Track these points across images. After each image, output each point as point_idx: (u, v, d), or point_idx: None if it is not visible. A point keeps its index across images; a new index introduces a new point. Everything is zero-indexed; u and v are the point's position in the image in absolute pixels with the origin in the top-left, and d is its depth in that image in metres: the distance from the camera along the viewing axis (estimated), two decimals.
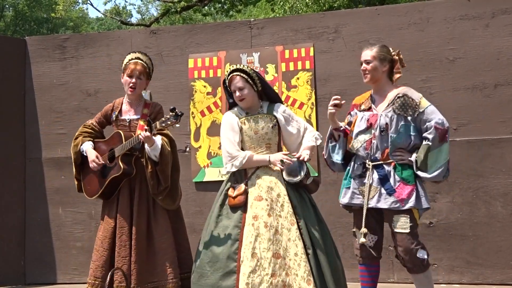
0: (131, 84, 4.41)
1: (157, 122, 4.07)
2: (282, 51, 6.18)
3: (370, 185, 3.90)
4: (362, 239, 3.93)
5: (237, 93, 4.10)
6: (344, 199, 4.04)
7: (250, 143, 4.10)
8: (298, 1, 13.00)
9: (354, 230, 4.06)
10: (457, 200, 5.67)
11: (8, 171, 6.52)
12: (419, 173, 3.86)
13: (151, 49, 6.50)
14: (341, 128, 4.11)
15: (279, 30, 6.25)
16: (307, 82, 6.08)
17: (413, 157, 3.88)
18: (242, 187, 4.01)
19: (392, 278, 5.71)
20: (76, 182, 4.57)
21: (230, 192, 4.04)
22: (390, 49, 4.07)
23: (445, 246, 5.65)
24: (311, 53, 6.10)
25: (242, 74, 4.10)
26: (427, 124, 3.88)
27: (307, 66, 6.10)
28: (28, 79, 6.72)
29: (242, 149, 4.11)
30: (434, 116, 3.90)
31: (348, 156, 4.13)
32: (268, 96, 4.22)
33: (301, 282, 3.78)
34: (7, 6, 31.43)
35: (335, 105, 4.04)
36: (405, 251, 3.85)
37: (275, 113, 4.13)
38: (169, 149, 4.30)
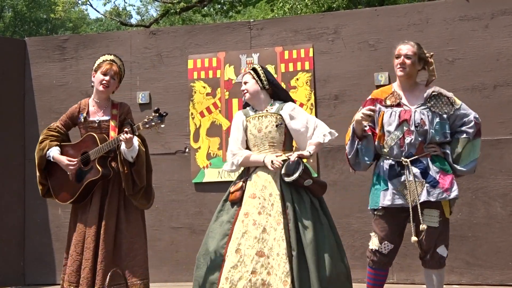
0: (104, 82, 4.31)
1: (140, 124, 4.00)
2: (281, 52, 6.19)
3: (415, 181, 3.86)
4: (415, 238, 3.88)
5: (242, 87, 4.23)
6: (385, 201, 3.94)
7: (254, 142, 4.14)
8: (297, 2, 12.99)
9: (371, 234, 4.02)
10: (457, 201, 5.65)
11: (8, 171, 6.53)
12: (455, 165, 3.91)
13: (151, 50, 6.51)
14: (366, 128, 4.05)
15: (279, 31, 6.25)
16: (306, 83, 6.09)
17: (447, 150, 3.91)
18: (239, 183, 4.08)
19: (391, 279, 5.71)
20: (40, 187, 4.48)
21: (231, 187, 4.12)
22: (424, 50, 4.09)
23: None
24: (311, 54, 6.10)
25: (251, 71, 4.23)
26: (465, 119, 3.94)
27: (307, 67, 6.10)
28: (27, 79, 6.72)
29: (248, 147, 4.15)
30: (470, 111, 3.98)
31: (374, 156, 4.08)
32: (280, 96, 4.25)
33: (279, 283, 3.78)
34: (6, 7, 31.41)
35: (368, 115, 3.95)
36: (426, 244, 3.86)
37: (281, 112, 4.14)
38: (143, 149, 4.25)
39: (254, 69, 4.24)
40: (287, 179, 3.94)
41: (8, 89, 6.64)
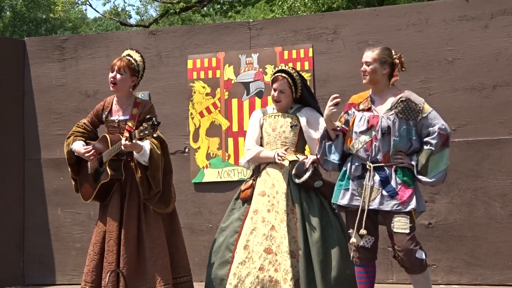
0: (111, 79, 4.23)
1: (136, 131, 3.92)
2: (281, 52, 6.19)
3: (372, 187, 3.89)
4: (361, 241, 3.92)
5: (275, 94, 4.20)
6: (343, 201, 3.99)
7: (267, 140, 4.20)
8: (296, 1, 13.00)
9: (349, 232, 4.02)
10: (456, 201, 5.67)
11: (7, 172, 6.52)
12: (420, 177, 3.87)
13: (150, 50, 6.51)
14: (338, 128, 4.09)
15: (278, 31, 6.25)
16: None
17: (413, 161, 3.89)
18: (250, 181, 4.16)
19: (391, 279, 5.71)
20: (73, 183, 4.45)
21: (242, 186, 4.20)
22: (393, 51, 4.04)
23: (444, 247, 5.65)
24: (310, 54, 6.10)
25: (288, 79, 4.19)
26: (429, 129, 3.89)
27: (306, 67, 6.10)
28: (27, 80, 6.72)
29: (262, 145, 4.20)
30: (437, 121, 3.91)
31: (344, 156, 4.10)
32: (306, 102, 4.26)
33: (281, 280, 3.81)
34: (5, 7, 31.39)
35: (335, 104, 4.01)
36: (404, 251, 3.85)
37: (298, 114, 4.16)
38: (159, 152, 4.11)
39: (290, 75, 4.21)
40: (297, 180, 3.99)
41: (7, 90, 6.63)
